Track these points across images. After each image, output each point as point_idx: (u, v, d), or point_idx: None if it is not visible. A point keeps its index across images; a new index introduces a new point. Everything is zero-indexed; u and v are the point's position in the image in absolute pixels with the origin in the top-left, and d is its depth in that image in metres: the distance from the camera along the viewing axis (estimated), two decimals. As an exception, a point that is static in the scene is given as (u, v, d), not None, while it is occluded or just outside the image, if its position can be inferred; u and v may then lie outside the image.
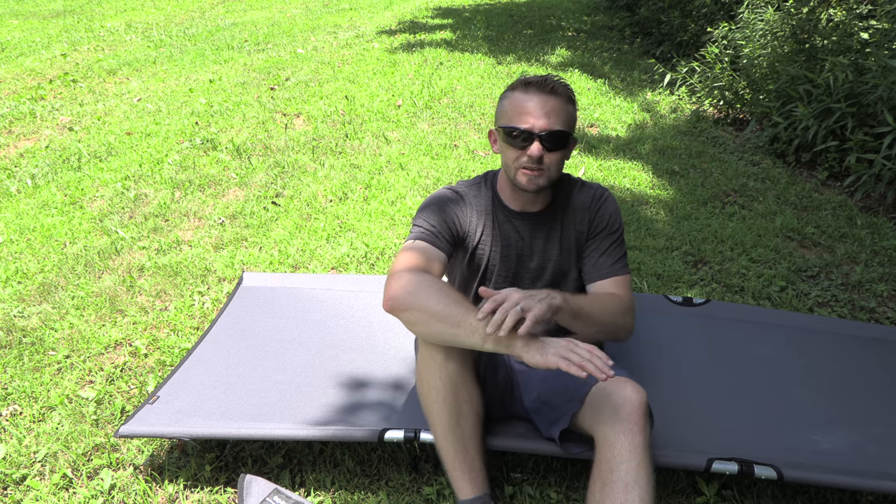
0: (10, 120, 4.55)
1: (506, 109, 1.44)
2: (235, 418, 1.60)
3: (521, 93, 1.42)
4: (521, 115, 1.40)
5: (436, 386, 1.34)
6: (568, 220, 1.54)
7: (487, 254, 1.54)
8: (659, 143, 3.88)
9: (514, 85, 1.45)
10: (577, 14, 8.35)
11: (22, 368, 2.06)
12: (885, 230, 2.80)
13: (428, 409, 1.38)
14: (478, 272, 1.56)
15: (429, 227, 1.46)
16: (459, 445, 1.36)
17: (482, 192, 1.55)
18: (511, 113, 1.42)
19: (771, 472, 1.38)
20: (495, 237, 1.53)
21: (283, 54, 6.40)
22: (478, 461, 1.38)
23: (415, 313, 1.30)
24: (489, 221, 1.53)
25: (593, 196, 1.55)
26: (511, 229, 1.53)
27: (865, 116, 3.27)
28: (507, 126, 1.41)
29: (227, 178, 3.52)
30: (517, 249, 1.54)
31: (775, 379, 1.73)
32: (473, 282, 1.59)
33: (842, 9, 3.94)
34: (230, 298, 2.17)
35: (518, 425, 1.56)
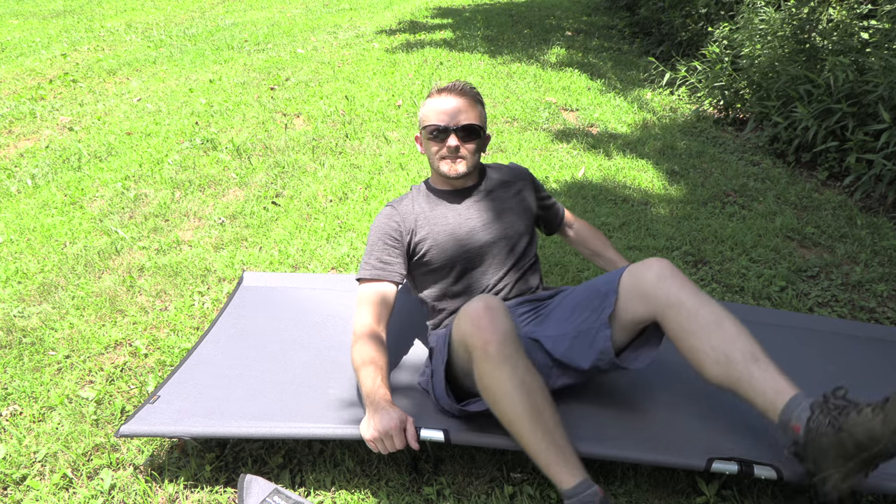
0: (10, 120, 4.55)
1: (425, 112, 1.74)
2: (236, 418, 1.60)
3: (435, 98, 1.73)
4: (438, 115, 1.69)
5: (509, 392, 1.34)
6: (503, 191, 1.82)
7: (431, 240, 1.72)
8: (659, 143, 3.88)
9: (430, 93, 1.76)
10: (577, 14, 8.35)
11: (22, 368, 2.06)
12: (885, 230, 2.80)
13: (507, 415, 1.36)
14: (438, 262, 1.72)
15: (374, 262, 1.71)
16: (549, 439, 1.35)
17: (412, 193, 1.81)
18: (429, 114, 1.72)
19: (771, 472, 1.38)
20: (433, 222, 1.74)
21: (283, 54, 6.40)
22: (569, 448, 1.36)
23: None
24: (422, 210, 1.76)
25: (511, 168, 1.91)
26: (445, 209, 1.76)
27: (866, 116, 3.27)
28: (427, 125, 1.71)
29: (227, 178, 3.52)
30: (457, 225, 1.73)
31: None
32: (444, 274, 1.74)
33: (842, 8, 3.94)
34: (230, 298, 2.17)
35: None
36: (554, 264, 2.57)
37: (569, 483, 1.33)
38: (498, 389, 1.34)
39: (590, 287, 1.61)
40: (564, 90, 4.99)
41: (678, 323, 1.39)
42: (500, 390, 1.34)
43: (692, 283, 1.43)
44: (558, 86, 5.09)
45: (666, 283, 1.41)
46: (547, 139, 4.00)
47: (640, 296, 1.44)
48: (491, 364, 1.34)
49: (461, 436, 1.49)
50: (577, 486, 1.32)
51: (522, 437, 1.36)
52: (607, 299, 1.49)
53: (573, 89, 5.00)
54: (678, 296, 1.40)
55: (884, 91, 3.05)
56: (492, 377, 1.35)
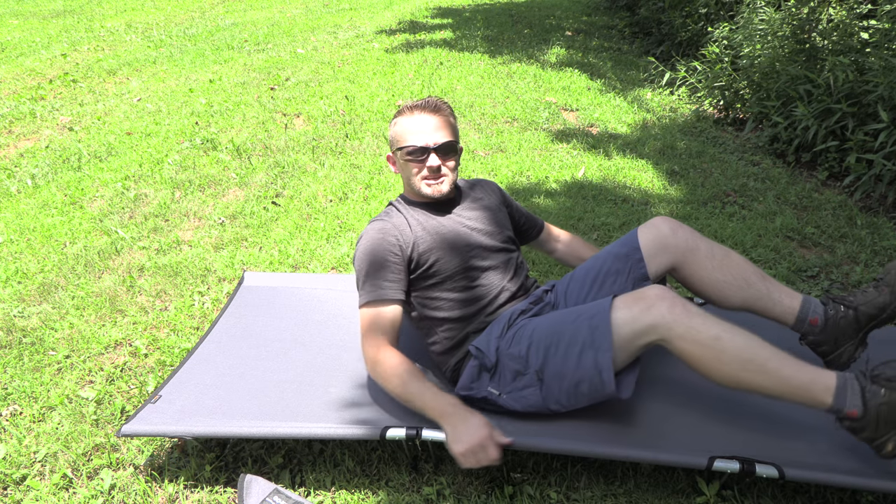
0: (10, 120, 4.55)
1: (399, 134, 1.69)
2: (237, 417, 1.60)
3: (409, 117, 1.68)
4: (417, 134, 1.65)
5: (727, 330, 1.37)
6: (483, 197, 1.83)
7: (437, 249, 1.66)
8: (659, 143, 3.88)
9: (400, 112, 1.71)
10: (577, 14, 8.35)
11: (22, 368, 2.06)
12: (885, 230, 2.80)
13: (742, 353, 1.35)
14: (446, 272, 1.66)
15: (378, 283, 1.61)
16: (790, 358, 1.36)
17: (396, 208, 1.75)
18: (405, 134, 1.67)
19: (773, 470, 1.38)
20: (432, 232, 1.68)
21: (283, 54, 6.40)
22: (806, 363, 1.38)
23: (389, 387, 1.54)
24: (417, 222, 1.69)
25: (479, 180, 1.91)
26: (441, 219, 1.72)
27: (865, 116, 3.27)
28: (405, 146, 1.67)
29: (227, 178, 3.52)
30: (457, 232, 1.70)
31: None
32: (452, 284, 1.68)
33: (842, 8, 3.94)
34: (231, 298, 2.17)
35: (523, 423, 1.56)
36: (554, 264, 2.57)
37: (831, 383, 1.33)
38: (718, 333, 1.35)
39: (604, 259, 1.69)
40: (564, 90, 4.99)
41: (699, 263, 1.61)
42: (719, 333, 1.36)
43: (694, 230, 1.66)
44: (558, 86, 5.09)
45: (680, 231, 1.63)
46: (547, 139, 4.00)
47: (662, 248, 1.63)
48: (692, 319, 1.36)
49: None
50: (838, 387, 1.33)
51: (767, 366, 1.34)
52: (632, 259, 1.63)
53: (573, 89, 5.00)
54: (694, 241, 1.62)
55: (883, 91, 3.05)
56: (702, 327, 1.36)
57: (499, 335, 1.60)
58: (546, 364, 1.50)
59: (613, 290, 1.63)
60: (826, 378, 1.34)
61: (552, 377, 1.50)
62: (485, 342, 1.61)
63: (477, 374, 1.59)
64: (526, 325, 1.60)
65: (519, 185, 3.33)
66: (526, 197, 3.18)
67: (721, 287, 1.61)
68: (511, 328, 1.61)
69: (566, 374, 1.47)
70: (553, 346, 1.49)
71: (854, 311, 1.55)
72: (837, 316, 1.56)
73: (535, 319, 1.61)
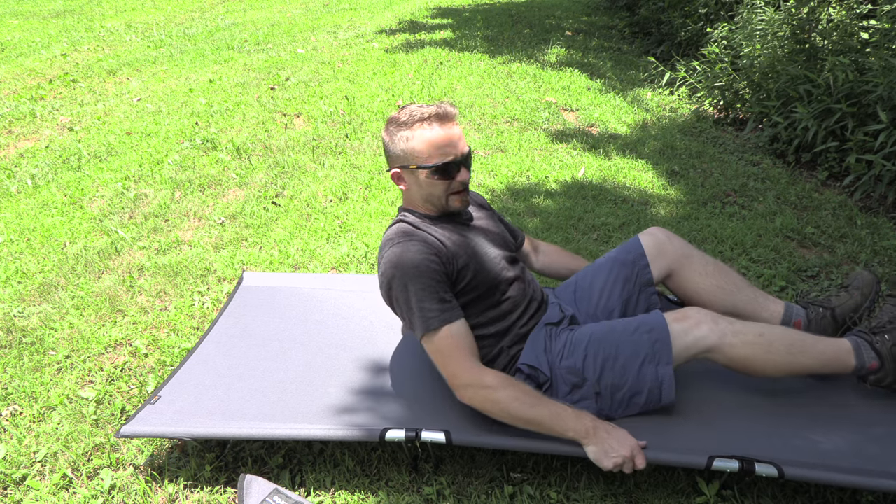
0: (10, 120, 4.55)
1: (418, 149, 1.51)
2: (236, 418, 1.60)
3: (431, 129, 1.51)
4: (444, 149, 1.51)
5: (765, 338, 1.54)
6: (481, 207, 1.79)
7: (473, 264, 1.58)
8: (659, 143, 3.88)
9: (411, 122, 1.52)
10: (577, 14, 8.34)
11: (22, 368, 2.06)
12: (885, 230, 2.80)
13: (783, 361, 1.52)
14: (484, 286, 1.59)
15: (438, 305, 1.47)
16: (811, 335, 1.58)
17: (415, 225, 1.59)
18: (431, 150, 1.51)
19: (772, 469, 1.38)
20: (463, 246, 1.58)
21: (283, 54, 6.40)
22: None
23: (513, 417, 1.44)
24: (446, 238, 1.58)
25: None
26: (464, 232, 1.63)
27: (865, 116, 3.27)
28: (435, 164, 1.51)
29: (227, 178, 3.52)
30: (485, 245, 1.64)
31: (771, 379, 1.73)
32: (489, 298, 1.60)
33: (842, 8, 3.94)
34: (230, 298, 2.17)
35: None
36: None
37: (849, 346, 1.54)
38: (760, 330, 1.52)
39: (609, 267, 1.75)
40: (564, 90, 4.99)
41: (693, 269, 1.72)
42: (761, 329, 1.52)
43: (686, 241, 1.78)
44: (558, 86, 5.09)
45: (675, 239, 1.75)
46: (547, 139, 4.00)
47: (661, 253, 1.72)
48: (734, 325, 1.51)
49: (462, 436, 1.49)
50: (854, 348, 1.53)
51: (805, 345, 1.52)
52: (638, 265, 1.72)
53: (573, 89, 5.00)
54: (688, 248, 1.74)
55: (883, 91, 3.05)
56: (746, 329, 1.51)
57: (545, 349, 1.59)
58: (603, 376, 1.54)
59: (623, 297, 1.72)
60: (844, 344, 1.54)
61: (609, 388, 1.54)
62: (534, 357, 1.58)
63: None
64: (574, 337, 1.60)
65: (519, 185, 3.33)
66: (526, 197, 3.18)
67: (713, 292, 1.71)
68: (556, 341, 1.61)
69: (623, 385, 1.53)
70: (611, 359, 1.54)
71: (831, 311, 1.72)
72: (818, 317, 1.71)
73: (583, 331, 1.61)
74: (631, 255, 1.73)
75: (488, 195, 3.21)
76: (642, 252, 1.73)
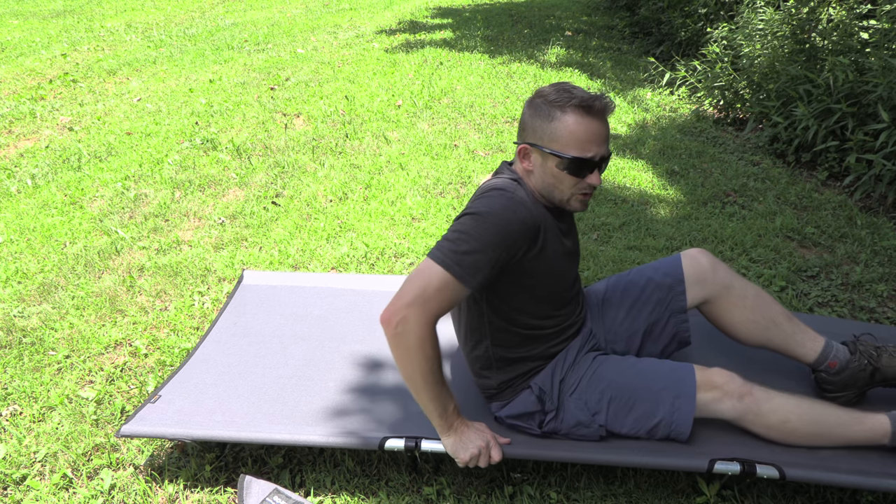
0: (10, 120, 4.55)
1: (560, 133, 1.35)
2: (237, 418, 1.60)
3: (581, 117, 1.34)
4: (586, 144, 1.34)
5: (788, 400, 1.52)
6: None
7: (546, 264, 1.44)
8: (659, 143, 3.88)
9: (565, 104, 1.34)
10: (577, 14, 8.34)
11: (22, 368, 2.06)
12: (885, 230, 2.80)
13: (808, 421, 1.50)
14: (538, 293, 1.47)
15: (472, 262, 1.29)
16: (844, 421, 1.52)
17: (527, 196, 1.41)
18: (570, 139, 1.34)
19: (773, 471, 1.38)
20: (550, 249, 1.44)
21: (283, 54, 6.40)
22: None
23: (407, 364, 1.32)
24: (547, 225, 1.42)
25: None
26: (559, 240, 1.47)
27: (865, 116, 3.27)
28: (567, 156, 1.34)
29: (227, 178, 3.52)
30: (562, 250, 1.48)
31: (777, 379, 1.73)
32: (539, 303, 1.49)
33: (841, 9, 3.94)
34: (230, 297, 2.17)
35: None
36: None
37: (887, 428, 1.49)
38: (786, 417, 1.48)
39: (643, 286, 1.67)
40: (564, 90, 4.99)
41: (732, 301, 1.64)
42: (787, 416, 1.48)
43: (729, 267, 1.69)
44: (558, 86, 5.08)
45: (719, 269, 1.65)
46: (547, 139, 3.99)
47: (700, 282, 1.65)
48: (760, 406, 1.47)
49: None
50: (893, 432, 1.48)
51: (832, 434, 1.48)
52: (674, 290, 1.65)
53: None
54: (729, 279, 1.65)
55: (883, 91, 3.05)
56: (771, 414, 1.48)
57: (561, 379, 1.54)
58: (614, 421, 1.51)
59: (650, 319, 1.66)
60: (881, 424, 1.48)
61: (616, 429, 1.52)
62: (548, 383, 1.53)
63: (532, 411, 1.53)
64: (594, 371, 1.54)
65: (519, 185, 3.33)
66: (526, 197, 3.18)
67: (748, 326, 1.64)
68: (572, 371, 1.55)
69: (632, 433, 1.52)
70: (625, 408, 1.50)
71: (875, 369, 1.60)
72: (857, 368, 1.61)
73: (605, 366, 1.54)
74: (668, 280, 1.66)
75: (488, 195, 3.21)
76: (681, 279, 1.65)
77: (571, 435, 1.52)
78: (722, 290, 1.64)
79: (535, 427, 1.53)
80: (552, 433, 1.53)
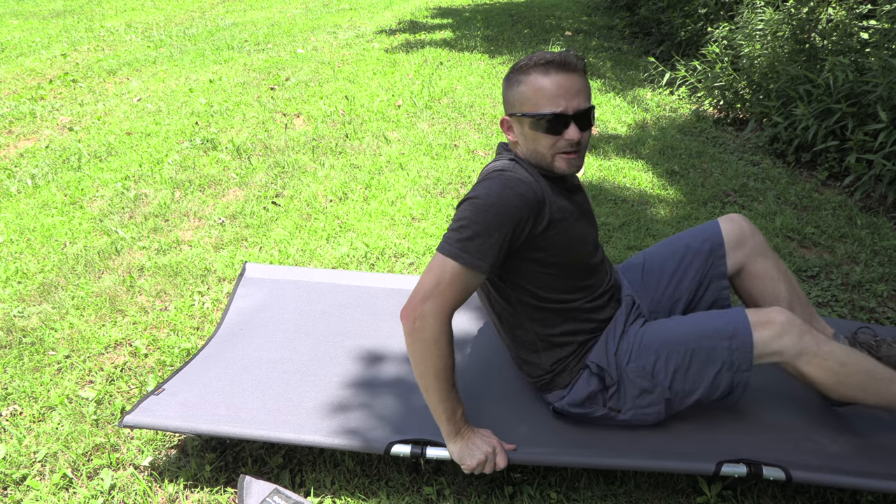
0: (10, 120, 4.55)
1: (526, 95, 1.36)
2: (241, 413, 1.60)
3: (544, 74, 1.34)
4: (551, 99, 1.33)
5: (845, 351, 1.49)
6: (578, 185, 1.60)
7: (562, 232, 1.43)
8: (659, 143, 3.88)
9: (527, 66, 1.36)
10: (577, 14, 8.34)
11: (22, 368, 2.06)
12: (885, 230, 2.80)
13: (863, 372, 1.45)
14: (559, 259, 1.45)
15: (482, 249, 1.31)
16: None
17: (527, 170, 1.42)
18: (536, 97, 1.35)
19: (779, 472, 1.38)
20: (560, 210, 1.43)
21: (283, 54, 6.40)
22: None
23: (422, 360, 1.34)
24: (553, 200, 1.42)
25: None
26: (567, 203, 1.46)
27: (865, 116, 3.27)
28: (537, 113, 1.34)
29: (227, 178, 3.52)
30: (575, 216, 1.47)
31: (777, 380, 1.73)
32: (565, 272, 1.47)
33: (841, 9, 3.94)
34: (234, 290, 2.18)
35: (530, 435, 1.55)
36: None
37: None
38: (844, 360, 1.42)
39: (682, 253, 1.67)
40: (564, 90, 4.99)
41: (765, 271, 1.64)
42: (845, 359, 1.43)
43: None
44: (558, 86, 5.08)
45: (756, 234, 1.67)
46: (547, 139, 3.99)
47: (739, 244, 1.65)
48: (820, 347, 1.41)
49: None
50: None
51: (885, 389, 1.43)
52: (714, 255, 1.65)
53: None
54: (766, 248, 1.67)
55: (883, 91, 3.05)
56: (831, 355, 1.42)
57: (615, 350, 1.51)
58: (675, 381, 1.46)
59: (692, 287, 1.66)
60: None
61: (680, 394, 1.48)
62: (604, 358, 1.50)
63: (595, 391, 1.50)
64: (643, 336, 1.51)
65: (519, 185, 3.33)
66: (526, 197, 3.18)
67: (779, 298, 1.64)
68: (623, 340, 1.52)
69: (696, 391, 1.47)
70: (685, 365, 1.45)
71: (878, 360, 1.63)
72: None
73: (653, 330, 1.52)
74: (708, 244, 1.65)
75: (488, 195, 3.21)
76: (721, 242, 1.64)
77: (636, 411, 1.50)
78: (759, 256, 1.65)
79: (599, 408, 1.51)
80: (617, 411, 1.51)
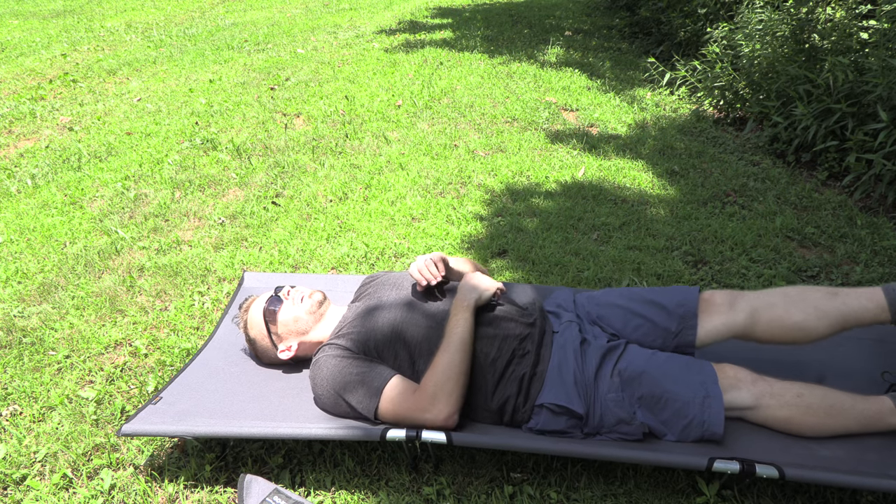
0: (10, 120, 4.55)
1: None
2: (238, 418, 1.60)
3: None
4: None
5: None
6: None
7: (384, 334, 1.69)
8: (659, 143, 3.88)
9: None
10: (577, 14, 8.34)
11: (22, 368, 2.06)
12: (885, 230, 2.80)
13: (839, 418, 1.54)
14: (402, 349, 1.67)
15: (375, 377, 1.60)
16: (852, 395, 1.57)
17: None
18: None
19: (773, 470, 1.38)
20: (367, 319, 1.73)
21: (283, 54, 6.40)
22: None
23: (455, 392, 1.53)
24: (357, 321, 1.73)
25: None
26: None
27: (865, 116, 3.27)
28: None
29: (227, 178, 3.52)
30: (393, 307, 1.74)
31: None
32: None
33: (841, 9, 3.94)
34: (232, 299, 2.17)
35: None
36: (554, 264, 2.57)
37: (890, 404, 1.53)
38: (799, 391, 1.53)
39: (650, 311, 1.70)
40: (564, 90, 4.99)
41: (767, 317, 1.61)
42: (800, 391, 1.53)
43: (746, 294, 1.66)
44: (558, 86, 5.09)
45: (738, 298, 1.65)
46: (547, 139, 4.00)
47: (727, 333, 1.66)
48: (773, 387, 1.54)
49: (463, 437, 1.49)
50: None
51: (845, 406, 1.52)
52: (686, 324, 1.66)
53: (573, 89, 5.00)
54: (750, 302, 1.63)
55: (883, 91, 3.05)
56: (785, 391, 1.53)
57: (574, 381, 1.54)
58: (649, 417, 1.54)
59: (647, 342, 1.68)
60: (885, 402, 1.53)
61: (651, 424, 1.54)
62: (563, 396, 1.53)
63: (570, 424, 1.54)
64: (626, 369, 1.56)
65: (519, 185, 3.33)
66: (526, 197, 3.18)
67: (806, 329, 1.59)
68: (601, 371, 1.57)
69: (665, 432, 1.54)
70: (658, 405, 1.53)
71: None
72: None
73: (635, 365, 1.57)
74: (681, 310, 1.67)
75: (488, 195, 3.21)
76: (694, 312, 1.65)
77: (616, 431, 1.52)
78: (748, 317, 1.62)
79: (578, 433, 1.54)
80: (596, 433, 1.54)
